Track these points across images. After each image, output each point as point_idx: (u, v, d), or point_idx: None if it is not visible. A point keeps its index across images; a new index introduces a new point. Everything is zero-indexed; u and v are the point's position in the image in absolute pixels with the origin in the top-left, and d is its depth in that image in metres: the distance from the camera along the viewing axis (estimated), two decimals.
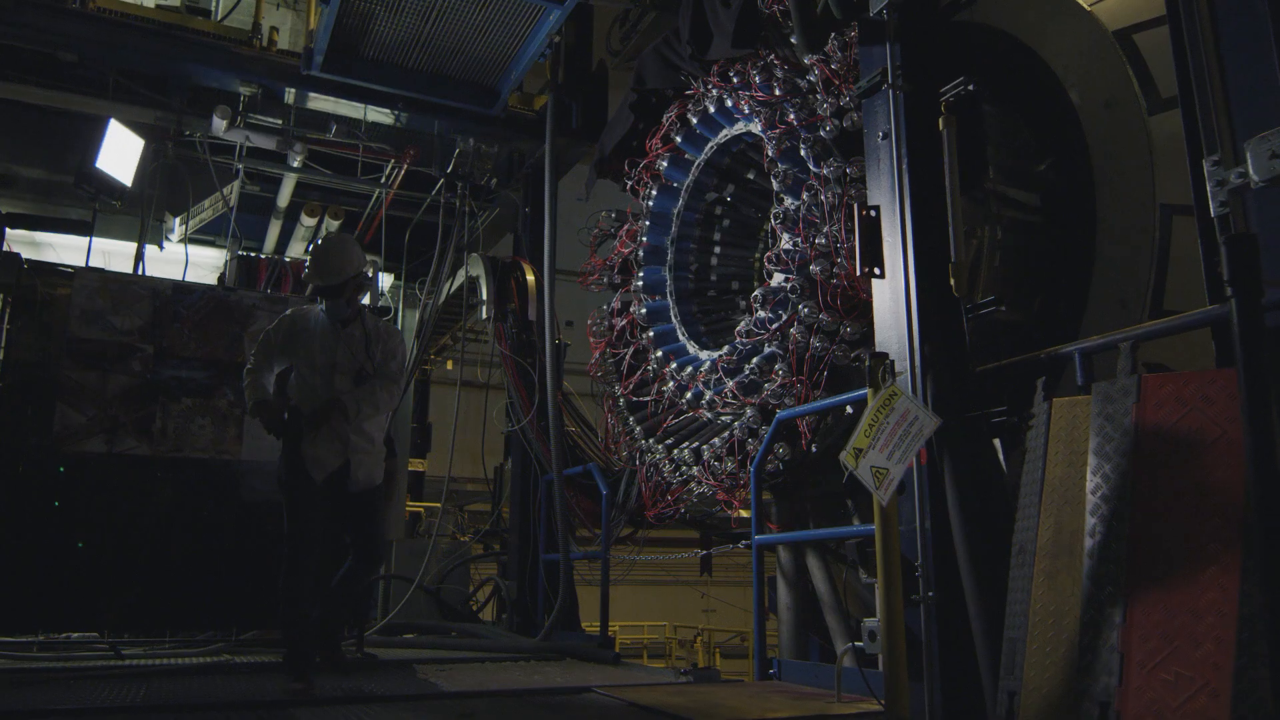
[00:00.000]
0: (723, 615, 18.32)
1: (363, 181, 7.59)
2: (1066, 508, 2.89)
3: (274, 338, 4.53)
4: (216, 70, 6.62)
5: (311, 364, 4.42)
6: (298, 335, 4.48)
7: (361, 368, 4.47)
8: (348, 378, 4.44)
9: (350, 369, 4.45)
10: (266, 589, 5.55)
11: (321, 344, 4.46)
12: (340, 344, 4.46)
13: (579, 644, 5.73)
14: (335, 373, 4.41)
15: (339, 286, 4.45)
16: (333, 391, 4.37)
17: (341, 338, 4.48)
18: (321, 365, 4.43)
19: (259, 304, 6.01)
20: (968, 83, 3.46)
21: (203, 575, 5.47)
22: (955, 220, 3.42)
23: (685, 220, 6.54)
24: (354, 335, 4.52)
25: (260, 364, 4.51)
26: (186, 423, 5.65)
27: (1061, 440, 2.99)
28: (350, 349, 4.47)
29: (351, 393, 4.39)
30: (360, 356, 4.48)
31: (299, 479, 4.28)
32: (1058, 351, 3.22)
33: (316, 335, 4.47)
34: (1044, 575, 2.87)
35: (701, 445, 5.52)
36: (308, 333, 4.49)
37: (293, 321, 4.56)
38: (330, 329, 4.49)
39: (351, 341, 4.49)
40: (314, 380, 4.41)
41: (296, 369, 4.45)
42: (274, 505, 5.72)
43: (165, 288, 5.80)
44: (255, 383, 4.44)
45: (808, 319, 4.71)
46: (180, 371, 5.69)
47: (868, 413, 3.06)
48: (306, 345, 4.45)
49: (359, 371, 4.47)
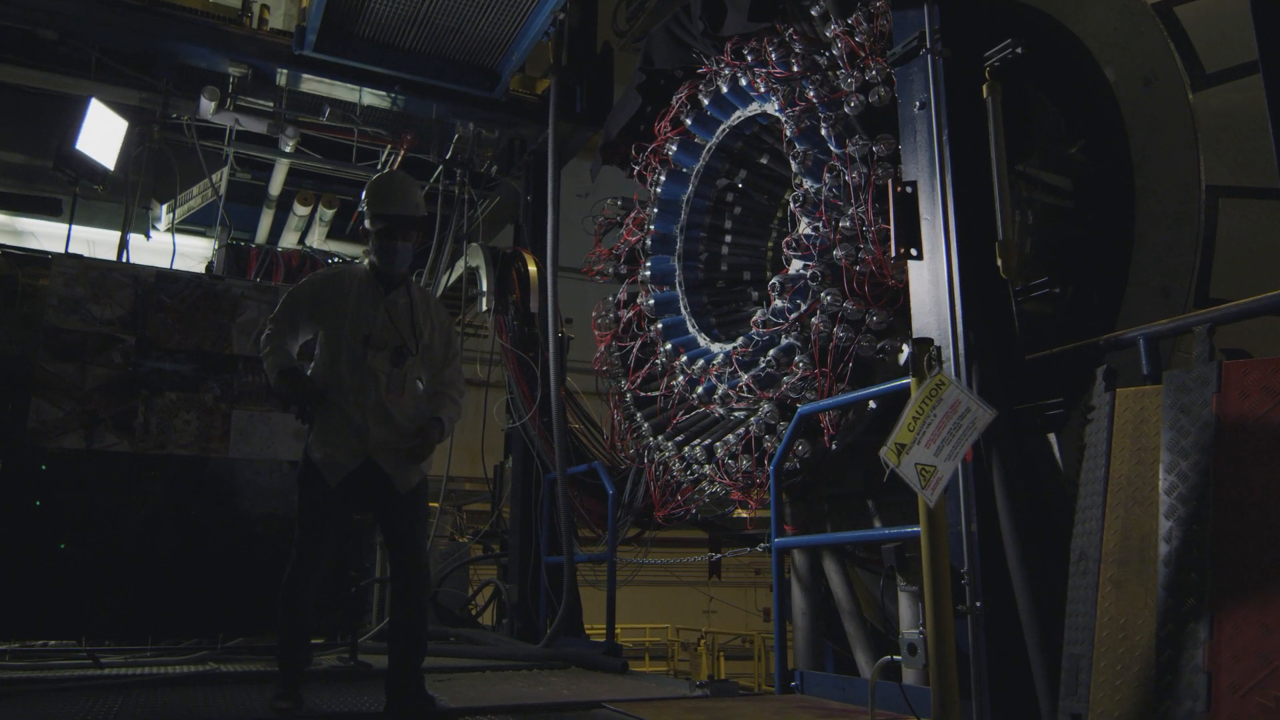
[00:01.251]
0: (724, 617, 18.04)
1: (358, 168, 7.28)
2: (1136, 509, 2.60)
3: (303, 295, 3.73)
4: (204, 49, 6.33)
5: (339, 334, 3.63)
6: (329, 296, 3.68)
7: (403, 344, 3.66)
8: (384, 355, 3.62)
9: (388, 344, 3.64)
10: (254, 594, 5.27)
11: (357, 310, 3.64)
12: (380, 312, 3.65)
13: (584, 651, 5.45)
14: (369, 348, 3.61)
15: (415, 221, 3.73)
16: (364, 372, 3.59)
17: (383, 305, 3.67)
18: (351, 337, 3.61)
19: (248, 293, 5.71)
20: (1015, 46, 3.17)
21: (187, 579, 5.17)
22: (1002, 195, 3.14)
23: (695, 207, 6.25)
24: (398, 303, 3.70)
25: (283, 329, 3.70)
26: (170, 418, 5.36)
27: (1128, 435, 2.70)
28: (393, 319, 3.66)
29: (387, 375, 3.61)
30: (404, 330, 3.67)
31: (311, 481, 3.62)
32: (1119, 337, 2.94)
33: (351, 298, 3.66)
34: (1111, 584, 2.59)
35: (715, 442, 5.23)
36: (341, 294, 3.67)
37: (325, 279, 3.77)
38: (371, 293, 3.68)
39: (395, 310, 3.68)
40: (340, 356, 3.61)
41: (323, 338, 3.69)
42: (262, 505, 5.47)
43: (148, 276, 5.51)
44: (278, 349, 3.65)
45: (831, 307, 4.42)
46: (163, 364, 5.40)
47: (911, 404, 2.77)
48: (337, 310, 3.65)
49: (399, 349, 3.65)
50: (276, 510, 5.47)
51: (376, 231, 3.71)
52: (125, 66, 6.29)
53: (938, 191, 3.25)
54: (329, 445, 3.60)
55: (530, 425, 6.65)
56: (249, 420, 5.55)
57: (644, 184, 6.37)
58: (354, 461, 3.59)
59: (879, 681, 3.40)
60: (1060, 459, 2.93)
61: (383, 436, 3.60)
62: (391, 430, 3.62)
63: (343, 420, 3.60)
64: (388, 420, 3.62)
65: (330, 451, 3.59)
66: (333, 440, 3.60)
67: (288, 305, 3.74)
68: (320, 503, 3.61)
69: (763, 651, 12.51)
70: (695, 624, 16.29)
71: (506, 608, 6.83)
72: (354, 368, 3.60)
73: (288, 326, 3.72)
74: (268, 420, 5.58)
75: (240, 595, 5.24)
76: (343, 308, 3.65)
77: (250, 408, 5.56)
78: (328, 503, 3.61)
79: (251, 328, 5.65)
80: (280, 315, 3.73)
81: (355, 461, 3.59)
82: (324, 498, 3.60)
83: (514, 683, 4.47)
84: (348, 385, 3.60)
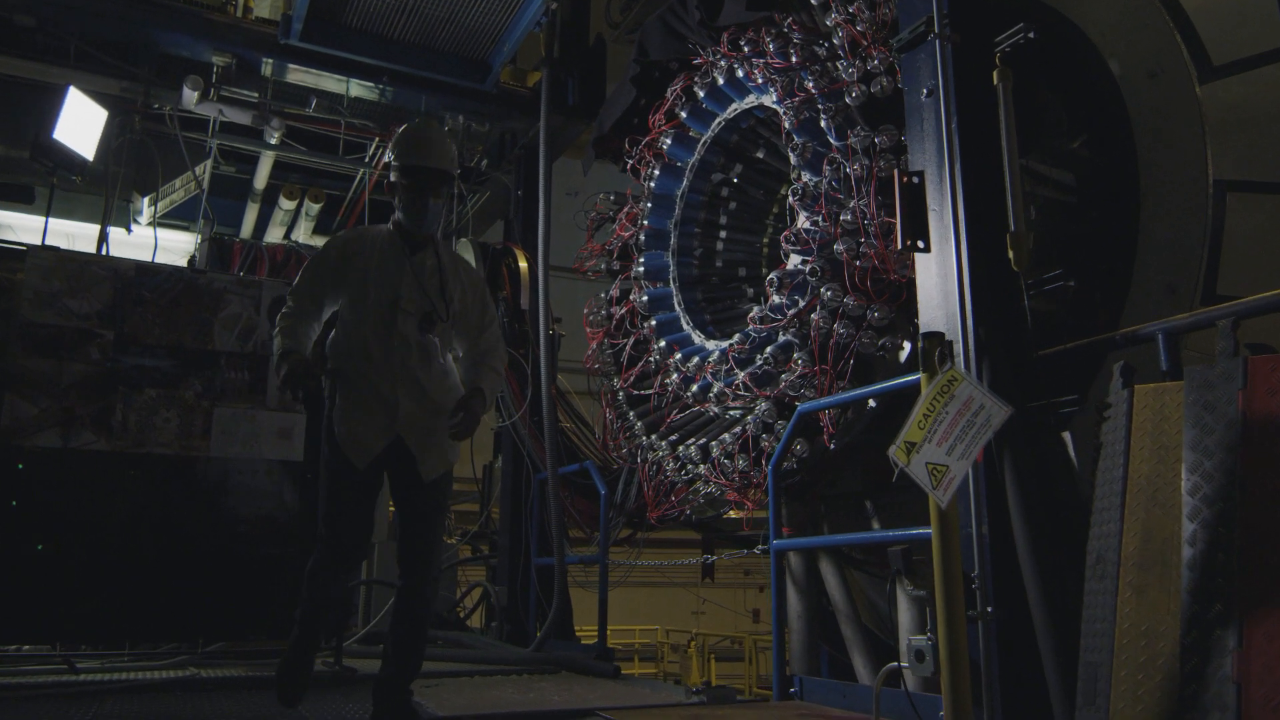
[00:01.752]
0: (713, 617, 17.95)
1: (345, 161, 7.13)
2: (1156, 511, 2.50)
3: (327, 258, 3.41)
4: (187, 38, 6.17)
5: (363, 298, 3.30)
6: (354, 256, 3.37)
7: (433, 310, 3.33)
8: (412, 321, 3.30)
9: (417, 310, 3.32)
10: (235, 597, 5.11)
11: (381, 272, 3.33)
12: (407, 275, 3.34)
13: (575, 655, 5.31)
14: (397, 313, 3.28)
15: (446, 176, 3.42)
16: (392, 341, 3.27)
17: (410, 267, 3.36)
18: (377, 301, 3.29)
19: (231, 288, 5.55)
20: (1027, 31, 3.07)
21: (166, 582, 5.00)
22: (1014, 185, 3.04)
23: (690, 202, 6.14)
24: (425, 265, 3.40)
25: (304, 304, 3.36)
26: (150, 415, 5.19)
27: (1147, 433, 2.60)
28: (421, 283, 3.34)
29: (417, 345, 3.30)
30: (433, 294, 3.35)
31: (334, 466, 3.26)
32: (1136, 332, 2.84)
33: (374, 261, 3.35)
34: (1131, 589, 2.48)
35: (710, 442, 5.11)
36: (365, 255, 3.36)
37: (348, 240, 3.46)
38: (396, 254, 3.37)
39: (422, 273, 3.37)
40: (366, 323, 3.29)
41: (346, 305, 3.37)
42: (244, 505, 5.31)
43: (128, 269, 5.34)
44: (292, 329, 3.31)
45: (831, 303, 4.31)
46: (143, 360, 5.22)
47: (922, 401, 2.65)
48: (361, 271, 3.33)
49: (427, 315, 3.33)
50: (259, 511, 5.32)
51: (404, 185, 3.39)
52: (106, 55, 6.13)
53: (946, 181, 3.14)
54: (354, 422, 3.25)
55: (520, 424, 6.51)
56: (231, 418, 5.38)
57: (637, 178, 6.25)
58: (382, 440, 3.24)
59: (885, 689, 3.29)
60: (1075, 458, 2.82)
61: (413, 412, 3.27)
62: (423, 405, 3.29)
63: (370, 393, 3.26)
64: (419, 393, 3.29)
65: (355, 429, 3.25)
66: (358, 416, 3.25)
67: (310, 274, 3.41)
68: (346, 489, 3.26)
69: (753, 653, 12.41)
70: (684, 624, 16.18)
71: (495, 610, 6.70)
72: (381, 335, 3.28)
73: (309, 300, 3.38)
74: (251, 418, 5.42)
75: (221, 598, 5.08)
76: (366, 269, 3.34)
77: (233, 405, 5.40)
78: (355, 489, 3.27)
79: (234, 323, 5.49)
80: (301, 288, 3.40)
81: (384, 440, 3.24)
82: (350, 483, 3.25)
83: (503, 688, 4.34)
84: (375, 354, 3.27)
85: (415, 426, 3.28)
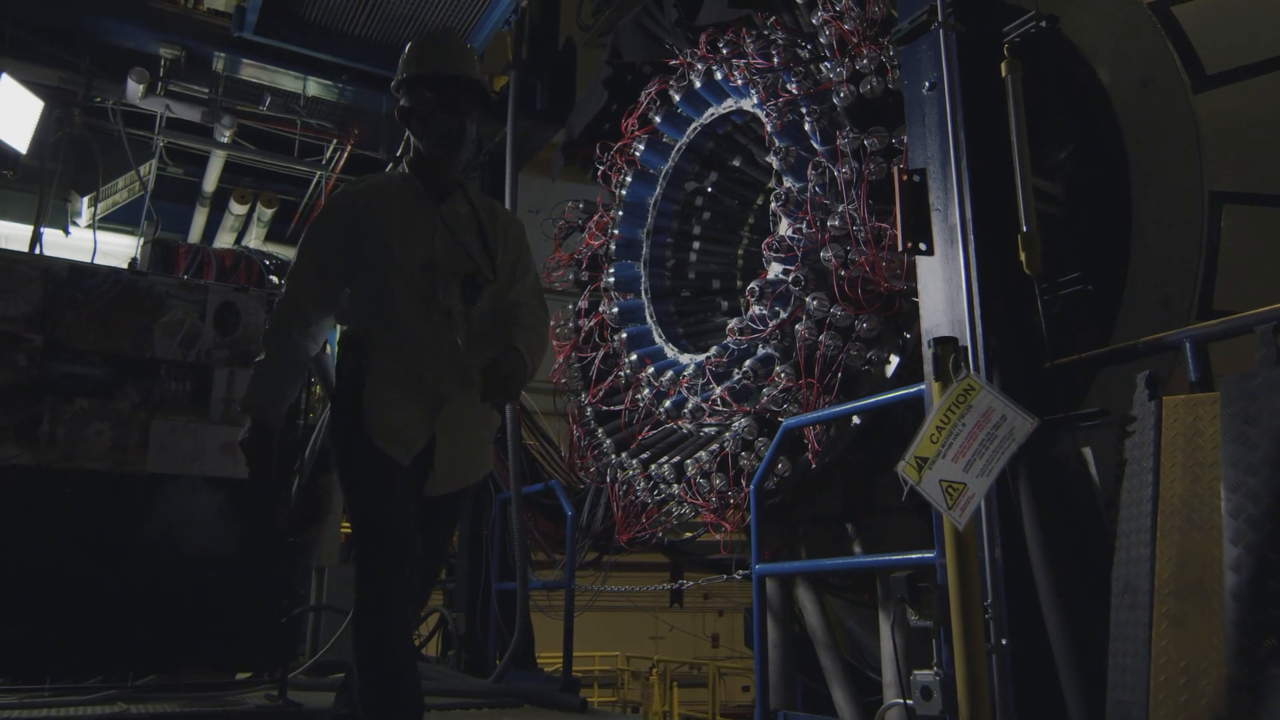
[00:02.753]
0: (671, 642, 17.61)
1: (301, 164, 6.80)
2: (1194, 534, 2.28)
3: (335, 222, 2.69)
4: (133, 27, 5.83)
5: (388, 265, 2.60)
6: (368, 213, 2.66)
7: (477, 271, 2.67)
8: (454, 287, 2.65)
9: (457, 271, 2.65)
10: (170, 626, 4.71)
11: (407, 229, 2.65)
12: (438, 229, 2.66)
13: (539, 687, 5.00)
14: (436, 277, 2.62)
15: (479, 90, 2.75)
16: (433, 314, 2.61)
17: (441, 216, 2.69)
18: (407, 267, 2.61)
19: (174, 292, 5.18)
20: (1039, 19, 2.88)
21: (94, 608, 4.59)
22: (1024, 182, 2.84)
23: (662, 211, 5.91)
24: (458, 214, 2.72)
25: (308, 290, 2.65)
26: (80, 428, 4.79)
27: (1179, 449, 2.38)
28: (457, 236, 2.67)
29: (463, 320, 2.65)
30: (475, 250, 2.67)
31: (371, 465, 2.53)
32: (1162, 340, 2.64)
33: (395, 216, 2.66)
34: (1168, 620, 2.25)
35: (685, 460, 4.86)
36: (381, 212, 2.66)
37: (355, 194, 2.73)
38: (419, 203, 2.70)
39: (457, 223, 2.69)
40: (396, 294, 2.60)
41: (365, 276, 2.65)
42: (182, 526, 4.91)
43: (60, 269, 4.95)
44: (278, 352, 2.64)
45: (817, 313, 4.09)
46: (75, 367, 4.83)
47: (935, 412, 2.42)
48: (380, 232, 2.63)
49: (470, 279, 2.66)
50: (199, 532, 4.93)
51: (427, 107, 2.69)
52: (43, 42, 5.75)
53: (951, 179, 2.94)
54: (392, 406, 2.55)
55: None
56: (171, 431, 5.00)
57: (608, 185, 6.01)
58: (425, 434, 2.57)
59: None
60: (1097, 476, 2.60)
61: (458, 411, 2.62)
62: (468, 396, 2.61)
63: (409, 375, 2.58)
64: (465, 381, 2.61)
65: (394, 415, 2.54)
66: (397, 400, 2.56)
67: (313, 244, 2.69)
68: (392, 495, 2.51)
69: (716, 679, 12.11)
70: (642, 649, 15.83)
71: (453, 639, 6.35)
72: (419, 308, 2.60)
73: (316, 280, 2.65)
74: (192, 431, 5.04)
75: (155, 628, 4.67)
76: (387, 227, 2.63)
77: (173, 417, 5.02)
78: (403, 493, 2.53)
79: (177, 329, 5.12)
80: (302, 267, 2.67)
81: (426, 434, 2.58)
82: (395, 487, 2.52)
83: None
84: (414, 330, 2.60)
85: (454, 428, 2.62)
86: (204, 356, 5.10)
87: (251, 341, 5.17)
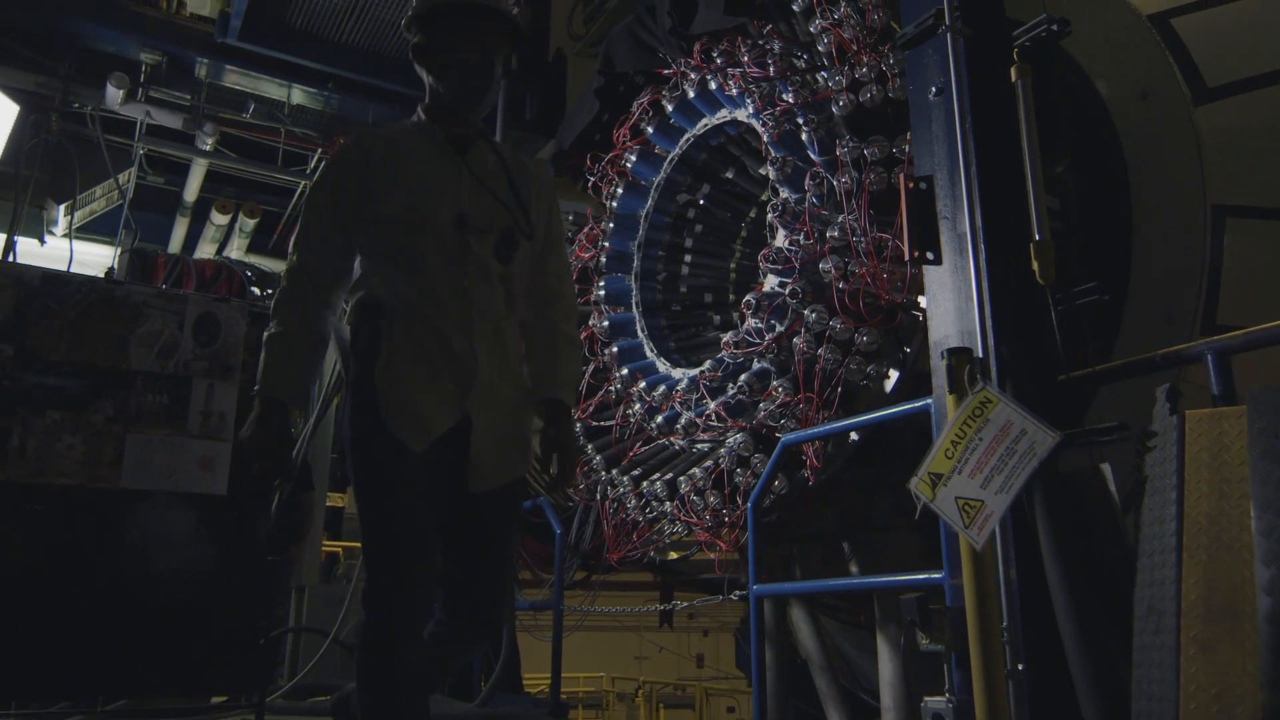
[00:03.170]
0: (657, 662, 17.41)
1: (284, 173, 6.67)
2: (1223, 555, 2.17)
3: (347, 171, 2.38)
4: (113, 31, 5.72)
5: (413, 218, 2.30)
6: (386, 164, 2.34)
7: (513, 226, 2.37)
8: (488, 244, 2.35)
9: (491, 226, 2.35)
10: (142, 647, 4.53)
11: (431, 177, 2.35)
12: (465, 179, 2.36)
13: (527, 711, 4.86)
14: (468, 233, 2.31)
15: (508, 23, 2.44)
16: (465, 273, 2.30)
17: (466, 168, 2.38)
18: (435, 219, 2.30)
19: (152, 301, 5.02)
20: (1050, 23, 2.81)
21: (62, 630, 4.41)
22: (1036, 189, 2.76)
23: (654, 223, 5.82)
24: (487, 165, 2.42)
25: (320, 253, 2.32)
26: (52, 441, 4.61)
27: (1204, 465, 2.28)
28: (486, 184, 2.37)
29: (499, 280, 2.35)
30: (508, 202, 2.38)
31: (378, 453, 2.20)
32: (1183, 351, 2.54)
33: (416, 165, 2.36)
34: (1196, 646, 2.14)
35: (678, 477, 4.74)
36: (399, 161, 2.36)
37: (367, 146, 2.40)
38: (441, 152, 2.39)
39: (484, 171, 2.40)
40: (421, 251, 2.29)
41: (383, 235, 2.33)
42: (156, 544, 4.74)
43: (33, 277, 4.78)
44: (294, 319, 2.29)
45: (816, 326, 4.00)
46: (46, 378, 4.66)
47: (950, 426, 2.32)
48: (397, 184, 2.33)
49: (506, 234, 2.36)
50: (174, 550, 4.75)
51: (446, 41, 2.39)
52: (21, 46, 5.62)
53: (960, 187, 2.85)
54: (410, 381, 2.22)
55: None
56: (146, 446, 4.83)
57: (599, 197, 5.92)
58: (450, 416, 2.23)
59: None
60: (1116, 493, 2.50)
61: (493, 380, 2.28)
62: (505, 371, 2.32)
63: (434, 343, 2.25)
64: (501, 353, 2.32)
65: (412, 392, 2.21)
66: (418, 374, 2.23)
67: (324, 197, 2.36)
68: (404, 487, 2.18)
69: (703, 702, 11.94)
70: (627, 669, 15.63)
71: None
72: (449, 268, 2.28)
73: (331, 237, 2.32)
74: (169, 445, 4.87)
75: (127, 650, 4.48)
76: (408, 179, 2.33)
77: (149, 431, 4.85)
78: (417, 484, 2.20)
79: (154, 340, 4.96)
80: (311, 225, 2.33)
81: (451, 416, 2.24)
82: (408, 478, 2.19)
83: None
84: (441, 292, 2.27)
85: (491, 408, 2.28)
86: (182, 368, 4.93)
87: (232, 353, 5.02)
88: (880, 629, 3.93)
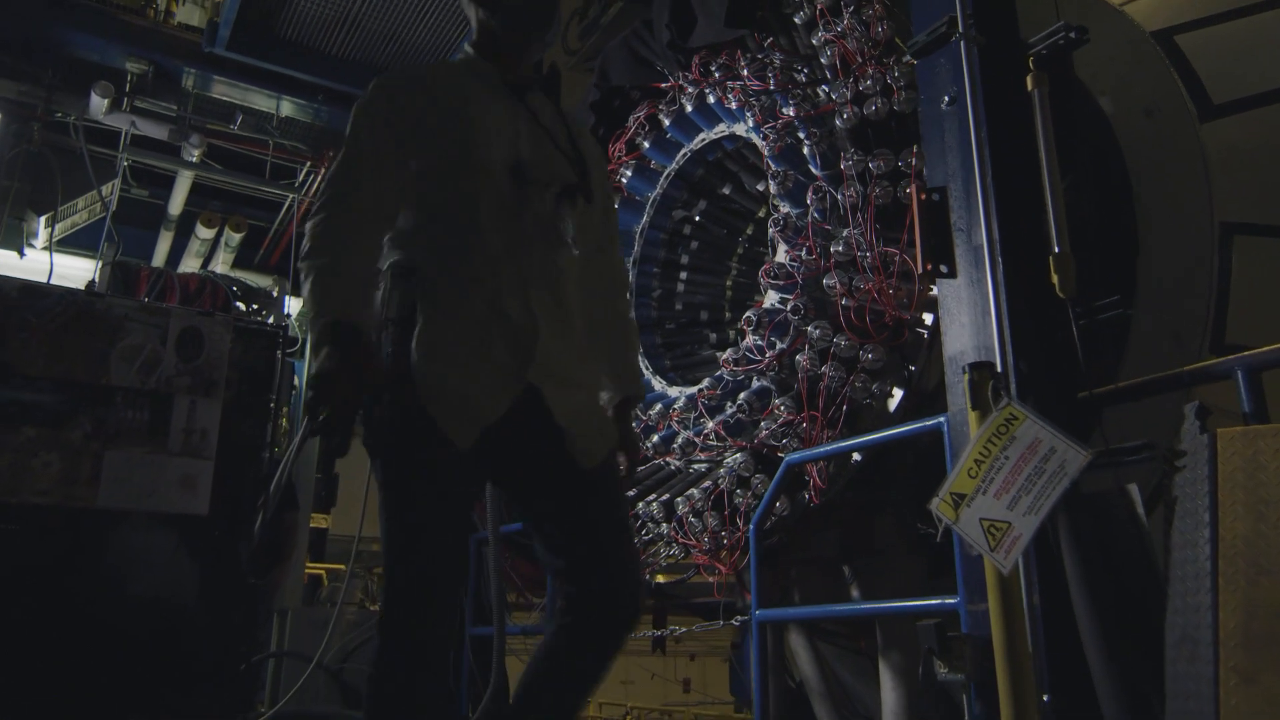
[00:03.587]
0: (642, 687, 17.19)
1: (273, 186, 6.55)
2: (1263, 580, 2.07)
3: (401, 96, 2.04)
4: (99, 40, 5.60)
5: (461, 166, 2.00)
6: (435, 103, 2.04)
7: (575, 184, 2.09)
8: (549, 198, 2.06)
9: (551, 179, 2.07)
10: (120, 675, 4.38)
11: (487, 118, 2.04)
12: (524, 125, 2.07)
13: None
14: (526, 185, 2.03)
15: None
16: (523, 227, 2.02)
17: (524, 113, 2.10)
18: (486, 170, 2.00)
19: (134, 315, 4.89)
20: (1068, 30, 2.74)
21: (36, 655, 4.25)
22: (1055, 199, 2.68)
23: (649, 239, 5.73)
24: (547, 112, 2.15)
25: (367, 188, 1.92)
26: (27, 458, 4.46)
27: (1239, 485, 2.19)
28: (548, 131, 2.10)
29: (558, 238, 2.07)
30: (569, 153, 2.10)
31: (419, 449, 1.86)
32: (1210, 368, 2.46)
33: (473, 105, 2.04)
34: (1237, 675, 2.04)
35: (675, 498, 4.62)
36: (456, 98, 2.05)
37: (417, 77, 2.12)
38: (500, 95, 2.09)
39: (545, 118, 2.13)
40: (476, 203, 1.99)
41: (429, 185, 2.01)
42: (135, 566, 4.58)
43: (10, 289, 4.65)
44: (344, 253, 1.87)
45: (820, 343, 3.90)
46: (22, 393, 4.51)
47: (974, 444, 2.21)
48: (451, 124, 2.01)
49: (569, 190, 2.08)
50: (153, 572, 4.60)
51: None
52: (3, 53, 5.49)
53: (976, 198, 2.77)
54: (456, 361, 1.90)
55: None
56: (125, 464, 4.68)
57: None
58: (507, 394, 1.91)
59: None
60: (1144, 516, 2.40)
61: (557, 349, 1.98)
62: (569, 341, 2.03)
63: (485, 311, 1.94)
64: (565, 319, 2.04)
65: (459, 374, 1.89)
66: (466, 355, 1.91)
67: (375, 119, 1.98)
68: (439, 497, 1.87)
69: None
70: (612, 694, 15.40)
71: None
72: (502, 220, 1.99)
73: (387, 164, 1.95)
74: (149, 464, 4.72)
75: (104, 674, 4.34)
76: (462, 116, 2.01)
77: (128, 449, 4.71)
78: (455, 490, 1.90)
79: (135, 355, 4.82)
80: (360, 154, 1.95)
81: (509, 394, 1.91)
82: (448, 479, 1.87)
83: None
84: (494, 248, 1.97)
85: (560, 379, 1.98)
86: (164, 384, 4.80)
87: (216, 369, 4.89)
88: (883, 656, 3.81)
